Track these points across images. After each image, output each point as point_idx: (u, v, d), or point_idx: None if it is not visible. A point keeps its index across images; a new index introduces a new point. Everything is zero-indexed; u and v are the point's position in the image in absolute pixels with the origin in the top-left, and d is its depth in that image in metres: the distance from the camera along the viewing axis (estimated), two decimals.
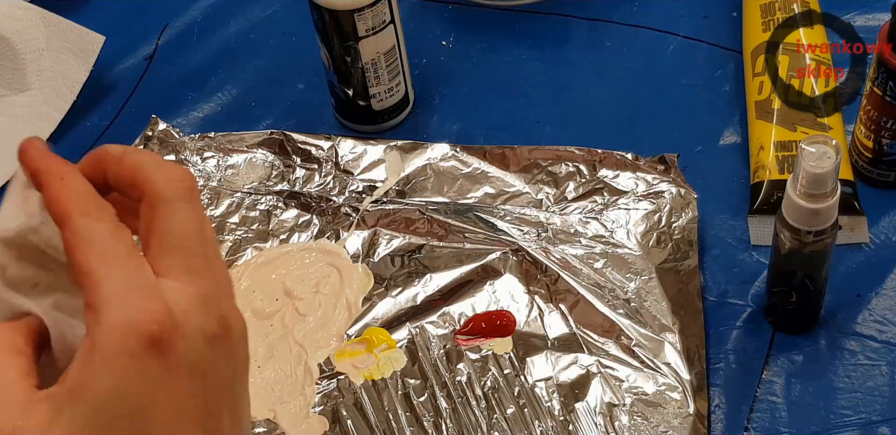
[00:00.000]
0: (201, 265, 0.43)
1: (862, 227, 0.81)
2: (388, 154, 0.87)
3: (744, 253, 0.81)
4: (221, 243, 0.83)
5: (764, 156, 0.82)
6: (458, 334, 0.77)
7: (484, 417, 0.74)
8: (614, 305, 0.77)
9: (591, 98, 0.91)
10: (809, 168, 0.65)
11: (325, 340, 0.78)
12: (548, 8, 0.97)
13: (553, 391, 0.74)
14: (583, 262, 0.80)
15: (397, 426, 0.74)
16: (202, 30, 0.99)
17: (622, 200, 0.82)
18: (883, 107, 0.78)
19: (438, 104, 0.92)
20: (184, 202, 0.43)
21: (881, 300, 0.78)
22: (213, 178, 0.87)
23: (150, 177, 0.43)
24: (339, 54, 0.85)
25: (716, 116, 0.89)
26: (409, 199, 0.85)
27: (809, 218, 0.68)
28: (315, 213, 0.85)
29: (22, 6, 0.92)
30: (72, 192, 0.43)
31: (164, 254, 0.43)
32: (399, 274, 0.81)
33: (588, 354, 0.75)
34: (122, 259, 0.41)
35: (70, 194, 0.43)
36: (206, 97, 0.94)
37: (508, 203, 0.84)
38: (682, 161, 0.84)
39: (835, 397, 0.74)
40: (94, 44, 0.94)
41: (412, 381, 0.76)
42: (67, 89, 0.92)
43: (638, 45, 0.94)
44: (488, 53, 0.95)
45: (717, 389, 0.75)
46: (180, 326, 0.41)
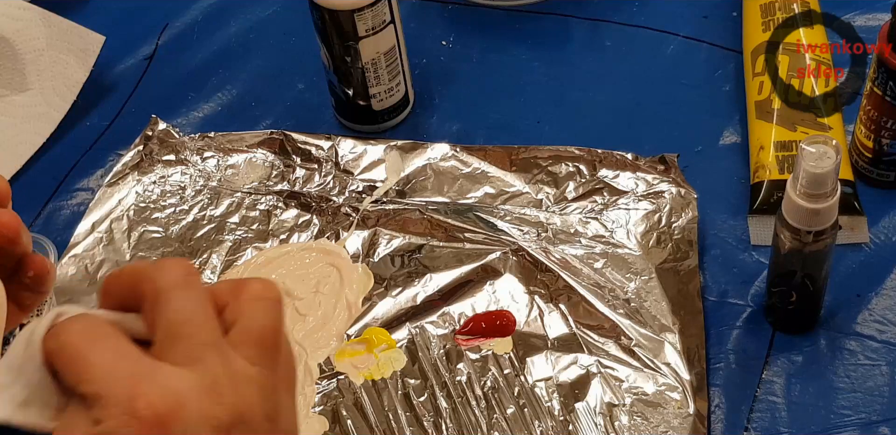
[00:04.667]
0: (205, 352, 0.41)
1: (862, 227, 0.81)
2: (388, 154, 0.87)
3: (744, 253, 0.81)
4: (221, 243, 0.83)
5: (764, 156, 0.82)
6: (458, 334, 0.77)
7: (484, 417, 0.74)
8: (614, 305, 0.77)
9: (591, 98, 0.91)
10: (809, 168, 0.65)
11: (325, 340, 0.78)
12: (548, 8, 0.97)
13: (553, 391, 0.74)
14: (583, 262, 0.80)
15: (397, 426, 0.74)
16: (202, 30, 0.99)
17: (622, 200, 0.82)
18: (883, 107, 0.78)
19: (438, 104, 0.92)
20: (180, 290, 0.42)
21: (881, 300, 0.78)
22: (213, 178, 0.87)
23: (148, 276, 0.42)
24: (339, 54, 0.85)
25: (716, 116, 0.89)
26: (409, 199, 0.85)
27: (809, 218, 0.68)
28: (315, 213, 0.85)
29: (22, 6, 0.92)
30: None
31: (166, 343, 0.41)
32: (399, 274, 0.81)
33: (588, 354, 0.75)
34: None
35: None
36: (206, 97, 0.94)
37: (508, 203, 0.84)
38: (682, 161, 0.84)
39: (835, 397, 0.74)
40: (94, 44, 0.94)
41: (412, 381, 0.76)
42: (67, 89, 0.92)
43: (638, 45, 0.94)
44: (488, 53, 0.95)
45: (717, 389, 0.75)
46: (177, 410, 0.39)
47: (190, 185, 0.87)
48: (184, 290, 0.42)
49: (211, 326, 0.41)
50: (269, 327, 0.42)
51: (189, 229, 0.85)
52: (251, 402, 0.41)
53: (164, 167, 0.88)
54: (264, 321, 0.42)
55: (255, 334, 0.42)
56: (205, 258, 0.83)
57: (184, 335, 0.41)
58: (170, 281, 0.42)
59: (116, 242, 0.84)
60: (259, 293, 0.43)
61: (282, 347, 0.43)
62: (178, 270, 0.42)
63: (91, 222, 0.85)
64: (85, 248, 0.84)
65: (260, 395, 0.41)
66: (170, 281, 0.42)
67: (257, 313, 0.42)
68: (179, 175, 0.88)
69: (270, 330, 0.42)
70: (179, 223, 0.85)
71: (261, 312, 0.43)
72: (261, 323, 0.42)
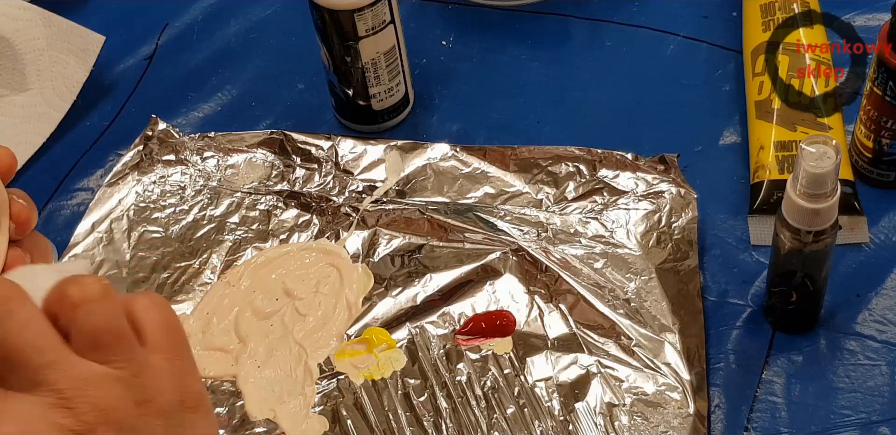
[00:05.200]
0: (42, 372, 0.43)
1: (862, 227, 0.81)
2: (388, 154, 0.87)
3: (744, 253, 0.81)
4: (221, 243, 0.83)
5: (764, 156, 0.82)
6: (458, 334, 0.77)
7: (484, 417, 0.74)
8: (614, 305, 0.77)
9: (591, 98, 0.91)
10: (809, 168, 0.65)
11: (325, 340, 0.78)
12: (548, 8, 0.97)
13: (553, 391, 0.74)
14: (583, 262, 0.80)
15: (397, 426, 0.74)
16: (202, 30, 0.99)
17: (622, 200, 0.82)
18: (883, 107, 0.78)
19: (438, 104, 0.92)
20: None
21: (881, 300, 0.78)
22: (213, 178, 0.87)
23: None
24: (339, 54, 0.85)
25: (716, 116, 0.89)
26: (409, 199, 0.85)
27: (809, 218, 0.68)
28: (315, 213, 0.85)
29: (22, 6, 0.92)
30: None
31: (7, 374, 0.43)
32: (399, 274, 0.81)
33: (588, 354, 0.75)
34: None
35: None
36: (206, 97, 0.94)
37: (508, 203, 0.84)
38: (682, 161, 0.84)
39: (835, 397, 0.74)
40: (94, 44, 0.94)
41: (412, 381, 0.76)
42: (67, 89, 0.92)
43: (638, 45, 0.94)
44: (488, 53, 0.95)
45: (717, 389, 0.75)
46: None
47: (190, 185, 0.87)
48: (4, 321, 0.44)
49: (43, 347, 0.44)
50: (99, 325, 0.45)
51: (189, 229, 0.85)
52: (109, 398, 0.44)
53: (164, 167, 0.88)
54: (92, 322, 0.45)
55: (88, 337, 0.45)
56: (205, 258, 0.83)
57: (16, 364, 0.43)
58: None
59: (116, 242, 0.84)
60: (78, 298, 0.45)
61: (126, 337, 0.45)
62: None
63: (91, 222, 0.85)
64: (85, 248, 0.84)
65: (119, 386, 0.44)
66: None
67: (81, 317, 0.45)
68: (179, 175, 0.88)
69: (103, 327, 0.45)
70: (179, 223, 0.85)
71: (84, 316, 0.45)
72: (89, 325, 0.45)
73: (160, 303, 0.47)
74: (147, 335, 0.46)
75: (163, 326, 0.47)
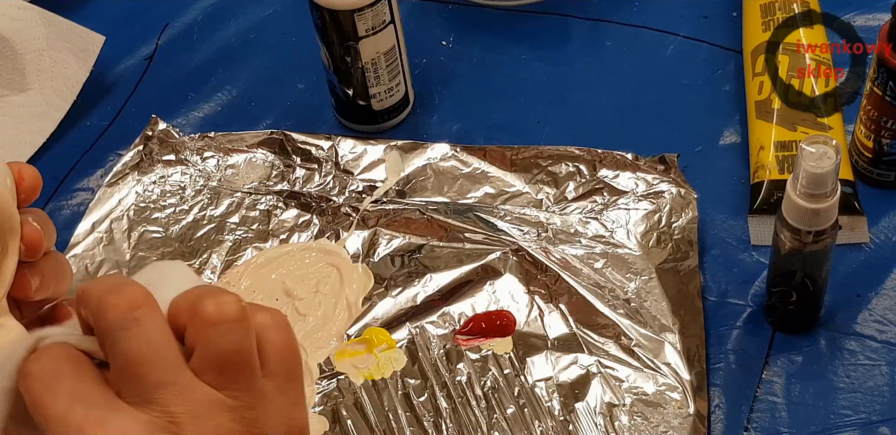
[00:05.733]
0: (157, 391, 0.41)
1: (862, 227, 0.81)
2: (388, 154, 0.87)
3: (744, 253, 0.81)
4: (221, 243, 0.83)
5: (764, 156, 0.82)
6: (458, 334, 0.77)
7: (484, 417, 0.74)
8: (614, 305, 0.77)
9: (590, 98, 0.91)
10: (809, 168, 0.65)
11: (325, 340, 0.78)
12: (548, 8, 0.97)
13: (553, 391, 0.74)
14: (583, 262, 0.80)
15: (397, 426, 0.74)
16: (202, 30, 0.99)
17: (622, 200, 0.82)
18: (883, 107, 0.78)
19: (438, 104, 0.92)
20: (126, 331, 0.42)
21: (881, 300, 0.78)
22: (213, 178, 0.87)
23: (97, 310, 0.42)
24: (339, 54, 0.85)
25: (716, 116, 0.89)
26: (409, 199, 0.85)
27: (809, 218, 0.68)
28: (315, 213, 0.85)
29: (22, 6, 0.92)
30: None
31: (121, 383, 0.42)
32: (399, 274, 0.81)
33: (588, 355, 0.75)
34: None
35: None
36: (206, 97, 0.94)
37: (508, 203, 0.84)
38: (682, 161, 0.84)
39: (835, 397, 0.74)
40: (94, 44, 0.94)
41: (412, 381, 0.76)
42: (67, 89, 0.92)
43: (638, 45, 0.94)
44: (488, 53, 0.95)
45: (717, 389, 0.75)
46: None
47: (190, 185, 0.87)
48: (130, 329, 0.41)
49: (163, 364, 0.41)
50: (229, 351, 0.42)
51: (189, 229, 0.85)
52: (220, 429, 0.41)
53: (164, 167, 0.88)
54: (222, 345, 0.42)
55: (214, 360, 0.42)
56: (205, 258, 0.83)
57: (133, 377, 0.41)
58: (114, 321, 0.42)
59: (116, 242, 0.84)
60: (213, 318, 0.42)
61: (252, 366, 0.43)
62: (122, 306, 0.42)
63: (91, 222, 0.85)
64: (85, 248, 0.84)
65: (231, 417, 0.42)
66: (114, 321, 0.42)
67: (211, 338, 0.42)
68: (179, 175, 0.88)
69: (231, 353, 0.42)
70: (179, 223, 0.85)
71: (215, 337, 0.42)
72: (219, 348, 0.42)
73: (283, 324, 0.44)
74: (269, 361, 0.43)
75: (285, 352, 0.44)
